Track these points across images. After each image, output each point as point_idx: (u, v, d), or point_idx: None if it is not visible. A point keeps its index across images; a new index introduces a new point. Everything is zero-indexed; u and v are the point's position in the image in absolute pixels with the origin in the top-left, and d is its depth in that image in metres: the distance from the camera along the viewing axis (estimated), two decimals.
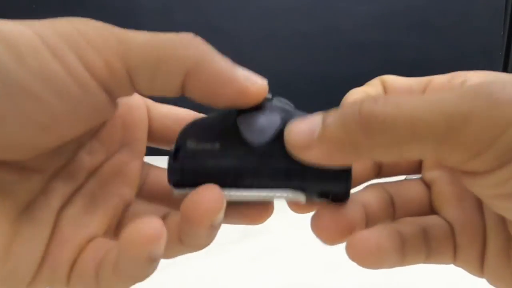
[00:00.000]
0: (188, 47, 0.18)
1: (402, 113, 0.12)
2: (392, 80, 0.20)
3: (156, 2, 1.50)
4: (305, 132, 0.15)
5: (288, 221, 0.54)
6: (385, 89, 0.20)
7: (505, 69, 1.53)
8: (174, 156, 0.17)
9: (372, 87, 0.20)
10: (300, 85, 1.50)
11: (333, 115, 0.15)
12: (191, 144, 0.16)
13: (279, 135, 0.16)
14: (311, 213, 0.22)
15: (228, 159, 0.16)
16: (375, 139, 0.13)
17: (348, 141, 0.14)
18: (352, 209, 0.18)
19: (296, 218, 0.56)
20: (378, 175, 0.21)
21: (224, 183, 0.16)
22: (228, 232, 0.49)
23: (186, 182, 0.17)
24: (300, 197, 0.17)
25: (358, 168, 0.19)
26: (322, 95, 1.53)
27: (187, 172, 0.17)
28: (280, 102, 0.18)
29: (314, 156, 0.15)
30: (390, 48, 1.47)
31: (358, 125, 0.13)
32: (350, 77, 1.48)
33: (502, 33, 1.49)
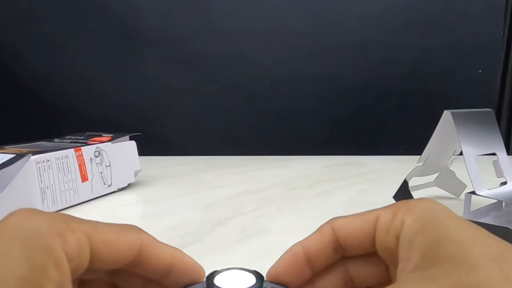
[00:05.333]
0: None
1: None
2: (344, 225, 0.21)
3: (156, 2, 1.50)
4: None
5: (288, 221, 0.54)
6: (336, 237, 0.21)
7: (505, 69, 1.53)
8: None
9: (323, 236, 0.21)
10: (300, 84, 1.50)
11: None
12: None
13: None
14: (311, 215, 0.22)
15: None
16: None
17: None
18: None
19: (295, 218, 0.56)
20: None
21: None
22: (228, 232, 0.50)
23: None
24: None
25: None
26: (322, 94, 1.54)
27: None
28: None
29: None
30: (390, 48, 1.48)
31: None
32: (350, 76, 1.49)
33: (502, 33, 1.50)
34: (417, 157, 0.54)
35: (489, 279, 0.15)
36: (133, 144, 0.72)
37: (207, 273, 0.20)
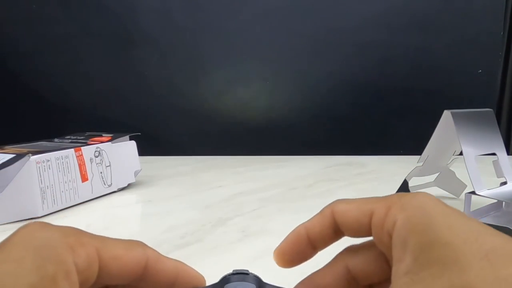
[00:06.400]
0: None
1: None
2: (343, 212, 0.22)
3: (156, 2, 1.50)
4: None
5: (288, 221, 0.54)
6: (335, 221, 0.22)
7: (505, 69, 1.53)
8: None
9: (324, 218, 0.22)
10: (300, 84, 1.50)
11: None
12: None
13: None
14: (311, 215, 0.23)
15: None
16: None
17: None
18: None
19: (295, 219, 0.56)
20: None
21: None
22: (228, 232, 0.50)
23: None
24: None
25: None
26: (323, 94, 1.54)
27: None
28: (254, 276, 0.23)
29: None
30: (390, 48, 1.47)
31: None
32: (350, 76, 1.49)
33: (502, 33, 1.50)
34: (417, 157, 0.54)
35: (480, 279, 0.15)
36: (133, 144, 0.72)
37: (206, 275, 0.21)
